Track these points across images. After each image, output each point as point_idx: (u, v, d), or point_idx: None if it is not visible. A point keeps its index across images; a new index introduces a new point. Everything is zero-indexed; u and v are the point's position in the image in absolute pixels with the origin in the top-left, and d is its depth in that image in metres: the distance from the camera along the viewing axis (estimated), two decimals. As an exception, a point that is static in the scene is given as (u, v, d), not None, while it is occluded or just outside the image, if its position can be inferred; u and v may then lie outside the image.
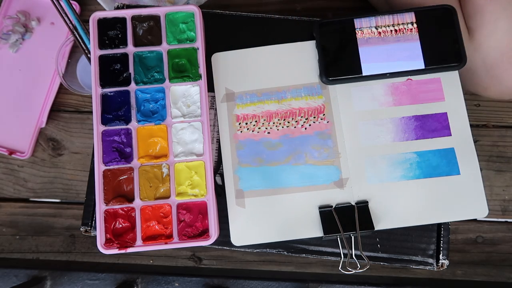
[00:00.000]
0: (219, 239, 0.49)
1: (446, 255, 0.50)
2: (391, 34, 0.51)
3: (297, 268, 0.69)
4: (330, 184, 0.50)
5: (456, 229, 0.70)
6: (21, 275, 0.69)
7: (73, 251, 0.71)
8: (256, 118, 0.52)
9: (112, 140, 0.50)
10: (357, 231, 0.48)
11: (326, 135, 0.51)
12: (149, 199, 0.49)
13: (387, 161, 0.50)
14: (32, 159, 0.72)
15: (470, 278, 0.69)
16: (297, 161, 0.51)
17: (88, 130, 0.72)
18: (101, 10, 0.56)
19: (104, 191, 0.49)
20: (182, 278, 0.68)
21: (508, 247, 0.70)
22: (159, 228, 0.48)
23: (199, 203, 0.49)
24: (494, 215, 0.71)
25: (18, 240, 0.71)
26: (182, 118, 0.50)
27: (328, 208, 0.50)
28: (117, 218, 0.49)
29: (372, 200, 0.50)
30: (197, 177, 0.49)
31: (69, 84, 0.66)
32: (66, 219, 0.71)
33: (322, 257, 0.51)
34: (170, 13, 0.52)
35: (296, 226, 0.50)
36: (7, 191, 0.72)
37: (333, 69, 0.51)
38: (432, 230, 0.51)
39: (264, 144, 0.51)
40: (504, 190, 0.71)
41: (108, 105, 0.50)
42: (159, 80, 0.51)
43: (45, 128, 0.71)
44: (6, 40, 0.72)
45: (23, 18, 0.72)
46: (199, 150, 0.50)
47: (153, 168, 0.49)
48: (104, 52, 0.51)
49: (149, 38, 0.51)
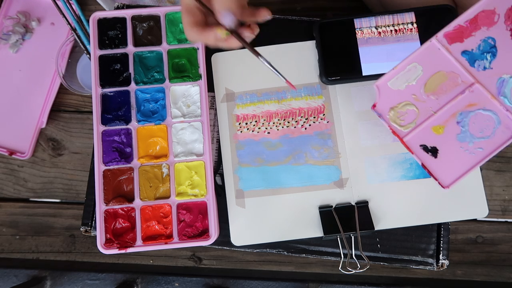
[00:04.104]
0: (219, 239, 0.49)
1: (446, 255, 0.50)
2: (391, 34, 0.51)
3: (297, 268, 0.69)
4: (330, 184, 0.50)
5: (456, 229, 0.70)
6: (21, 275, 0.69)
7: (73, 251, 0.71)
8: (256, 118, 0.52)
9: (112, 140, 0.50)
10: (357, 231, 0.48)
11: (326, 135, 0.51)
12: (149, 199, 0.49)
13: (387, 161, 0.50)
14: (32, 159, 0.72)
15: (470, 278, 0.69)
16: (297, 161, 0.51)
17: (88, 130, 0.72)
18: (101, 10, 0.56)
19: (104, 191, 0.49)
20: (182, 278, 0.68)
21: (508, 247, 0.70)
22: (159, 228, 0.48)
23: (199, 203, 0.49)
24: (494, 215, 0.71)
25: (18, 240, 0.71)
26: (182, 118, 0.50)
27: (328, 208, 0.50)
28: (117, 218, 0.49)
29: (372, 200, 0.50)
30: (197, 177, 0.49)
31: (69, 84, 0.66)
32: (66, 219, 0.71)
33: (322, 257, 0.51)
34: (170, 13, 0.52)
35: (296, 226, 0.50)
36: (7, 191, 0.72)
37: (333, 69, 0.51)
38: (432, 230, 0.51)
39: (264, 144, 0.51)
40: (504, 190, 0.71)
41: (108, 105, 0.50)
42: (159, 80, 0.51)
43: (45, 128, 0.71)
44: (6, 41, 0.72)
45: (23, 19, 0.72)
46: (199, 150, 0.50)
47: (153, 168, 0.49)
48: (104, 52, 0.51)
49: (149, 38, 0.51)
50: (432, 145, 0.44)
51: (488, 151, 0.44)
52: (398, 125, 0.45)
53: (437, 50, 0.44)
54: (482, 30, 0.44)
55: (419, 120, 0.44)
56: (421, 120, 0.44)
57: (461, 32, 0.44)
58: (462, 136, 0.44)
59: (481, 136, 0.44)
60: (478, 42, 0.44)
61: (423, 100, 0.45)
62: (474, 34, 0.44)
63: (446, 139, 0.44)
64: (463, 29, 0.44)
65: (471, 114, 0.44)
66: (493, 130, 0.44)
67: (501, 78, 0.43)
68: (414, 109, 0.45)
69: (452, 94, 0.44)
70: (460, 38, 0.44)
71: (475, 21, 0.43)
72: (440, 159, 0.44)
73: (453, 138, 0.44)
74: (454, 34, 0.44)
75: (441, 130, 0.44)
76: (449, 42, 0.44)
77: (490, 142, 0.44)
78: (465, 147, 0.44)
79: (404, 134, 0.45)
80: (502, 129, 0.44)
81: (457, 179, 0.44)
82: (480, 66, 0.44)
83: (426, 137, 0.44)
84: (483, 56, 0.44)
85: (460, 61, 0.44)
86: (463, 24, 0.44)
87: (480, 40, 0.44)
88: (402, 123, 0.45)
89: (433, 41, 0.44)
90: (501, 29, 0.43)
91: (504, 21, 0.43)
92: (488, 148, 0.44)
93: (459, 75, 0.44)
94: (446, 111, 0.44)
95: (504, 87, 0.43)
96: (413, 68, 0.45)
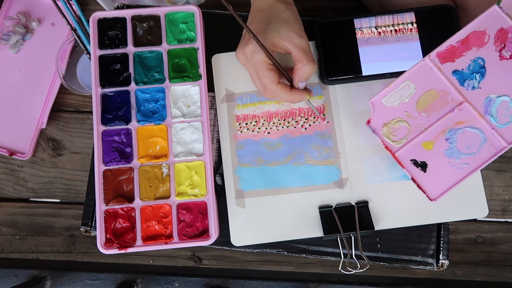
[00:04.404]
0: (219, 239, 0.49)
1: (446, 255, 0.50)
2: (391, 34, 0.51)
3: (297, 268, 0.69)
4: (330, 184, 0.50)
5: (456, 229, 0.70)
6: (21, 275, 0.69)
7: (73, 251, 0.71)
8: (256, 118, 0.52)
9: (112, 140, 0.50)
10: (357, 231, 0.48)
11: (326, 135, 0.51)
12: (149, 199, 0.49)
13: (387, 161, 0.50)
14: (32, 159, 0.72)
15: (470, 278, 0.69)
16: (297, 161, 0.51)
17: (88, 130, 0.72)
18: (101, 10, 0.56)
19: (104, 191, 0.49)
20: (182, 278, 0.68)
21: (508, 247, 0.70)
22: (159, 228, 0.48)
23: (199, 203, 0.49)
24: (494, 215, 0.71)
25: (18, 240, 0.71)
26: (182, 118, 0.50)
27: (328, 208, 0.50)
28: (117, 218, 0.49)
29: (372, 200, 0.50)
30: (197, 177, 0.49)
31: (69, 84, 0.66)
32: (66, 219, 0.71)
33: (322, 257, 0.51)
34: (170, 13, 0.52)
35: (296, 226, 0.50)
36: (7, 191, 0.72)
37: (333, 69, 0.51)
38: (432, 230, 0.51)
39: (264, 144, 0.51)
40: (504, 190, 0.71)
41: (108, 105, 0.50)
42: (159, 80, 0.51)
43: (45, 128, 0.71)
44: (6, 41, 0.72)
45: (24, 19, 0.72)
46: (199, 150, 0.50)
47: (153, 168, 0.49)
48: (104, 52, 0.51)
49: (149, 38, 0.51)
50: (422, 160, 0.46)
51: (473, 167, 0.46)
52: (390, 140, 0.46)
53: (430, 69, 0.46)
54: (473, 51, 0.45)
55: (411, 136, 0.46)
56: (412, 136, 0.46)
57: (452, 52, 0.45)
58: (450, 152, 0.46)
59: (467, 152, 0.45)
60: (468, 62, 0.45)
61: (415, 117, 0.46)
62: (465, 54, 0.45)
63: (435, 155, 0.46)
64: (454, 49, 0.45)
65: (459, 132, 0.45)
66: (479, 147, 0.45)
67: (488, 98, 0.45)
68: (406, 125, 0.46)
69: (442, 112, 0.46)
70: (451, 58, 0.45)
71: (466, 42, 0.45)
72: (429, 174, 0.46)
73: (441, 154, 0.46)
74: (446, 54, 0.45)
75: (431, 146, 0.46)
76: (441, 62, 0.46)
77: (476, 158, 0.45)
78: (452, 163, 0.46)
79: (396, 149, 0.46)
80: (488, 146, 0.45)
81: (443, 193, 0.46)
82: (469, 85, 0.45)
83: (417, 152, 0.46)
84: (472, 76, 0.45)
85: (451, 80, 0.45)
86: (455, 44, 0.45)
87: (470, 60, 0.45)
88: (394, 138, 0.46)
89: (426, 60, 0.46)
90: (491, 50, 0.45)
91: (494, 42, 0.45)
92: (473, 164, 0.46)
93: (450, 93, 0.46)
94: (436, 128, 0.46)
95: (491, 106, 0.45)
96: (406, 86, 0.46)
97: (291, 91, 0.47)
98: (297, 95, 0.48)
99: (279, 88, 0.47)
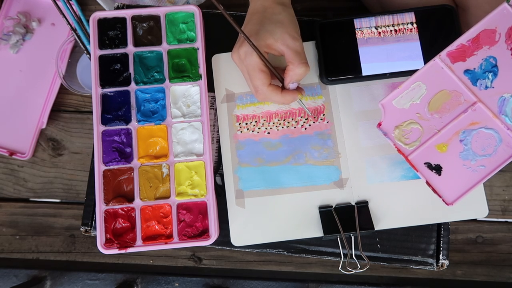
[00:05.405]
0: (219, 239, 0.49)
1: (446, 255, 0.50)
2: (391, 34, 0.51)
3: (297, 268, 0.69)
4: (330, 184, 0.50)
5: (456, 229, 0.70)
6: (21, 275, 0.69)
7: (73, 251, 0.71)
8: (256, 118, 0.52)
9: (112, 140, 0.50)
10: (357, 231, 0.48)
11: (326, 135, 0.51)
12: (149, 199, 0.49)
13: (387, 161, 0.50)
14: (32, 159, 0.72)
15: (470, 278, 0.69)
16: (297, 161, 0.51)
17: (88, 130, 0.72)
18: (101, 10, 0.56)
19: (104, 191, 0.49)
20: (182, 278, 0.68)
21: (508, 247, 0.70)
22: (159, 228, 0.48)
23: (199, 203, 0.49)
24: (494, 215, 0.71)
25: (18, 240, 0.71)
26: (182, 118, 0.50)
27: (328, 208, 0.50)
28: (117, 218, 0.49)
29: (372, 200, 0.50)
30: (197, 177, 0.49)
31: (69, 84, 0.66)
32: (66, 219, 0.71)
33: (322, 257, 0.51)
34: (170, 13, 0.52)
35: (296, 226, 0.50)
36: (7, 191, 0.72)
37: (333, 69, 0.51)
38: (432, 230, 0.51)
39: (264, 144, 0.51)
40: (504, 190, 0.71)
41: (108, 105, 0.50)
42: (159, 80, 0.51)
43: (45, 128, 0.71)
44: (6, 41, 0.72)
45: (24, 19, 0.72)
46: (199, 150, 0.50)
47: (153, 168, 0.49)
48: (104, 52, 0.51)
49: (149, 38, 0.51)
50: (436, 163, 0.45)
51: (490, 169, 0.44)
52: (403, 143, 0.45)
53: (441, 69, 0.45)
54: (484, 49, 0.44)
55: (424, 138, 0.45)
56: (426, 138, 0.45)
57: (463, 51, 0.44)
58: (465, 154, 0.45)
59: (483, 154, 0.44)
60: (480, 61, 0.44)
61: (427, 119, 0.45)
62: (476, 53, 0.44)
63: (449, 157, 0.45)
64: (465, 48, 0.44)
65: (474, 133, 0.44)
66: (494, 148, 0.44)
67: (502, 97, 0.44)
68: (418, 128, 0.45)
69: (455, 112, 0.45)
70: (462, 57, 0.44)
71: (477, 40, 0.44)
72: (444, 177, 0.45)
73: (456, 156, 0.45)
74: (457, 53, 0.44)
75: (445, 148, 0.45)
76: (452, 61, 0.44)
77: (492, 160, 0.44)
78: (468, 165, 0.45)
79: (409, 152, 0.45)
80: (503, 147, 0.44)
81: (460, 196, 0.44)
82: (482, 85, 0.44)
83: (430, 155, 0.45)
84: (485, 75, 0.44)
85: (463, 80, 0.44)
86: (466, 43, 0.44)
87: (482, 59, 0.44)
88: (406, 141, 0.45)
89: (437, 60, 0.45)
90: (502, 48, 0.44)
91: (505, 40, 0.44)
92: (490, 165, 0.44)
93: (462, 94, 0.45)
94: (449, 130, 0.45)
95: (505, 106, 0.44)
96: (417, 87, 0.45)
97: (282, 92, 0.47)
98: (288, 96, 0.47)
99: (270, 90, 0.47)
